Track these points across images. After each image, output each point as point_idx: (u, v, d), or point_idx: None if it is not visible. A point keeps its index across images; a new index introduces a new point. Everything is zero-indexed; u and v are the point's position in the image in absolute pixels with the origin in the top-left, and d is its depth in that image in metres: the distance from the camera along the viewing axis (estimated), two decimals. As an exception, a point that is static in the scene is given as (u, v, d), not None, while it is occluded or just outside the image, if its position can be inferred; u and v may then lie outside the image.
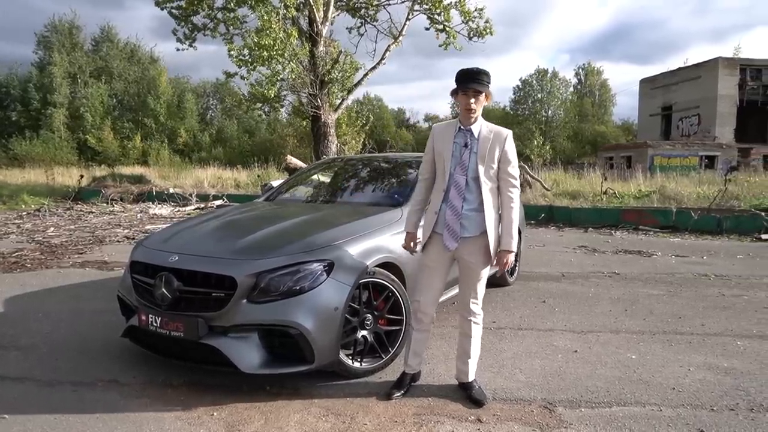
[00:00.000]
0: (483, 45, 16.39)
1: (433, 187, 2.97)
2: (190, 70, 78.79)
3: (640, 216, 10.72)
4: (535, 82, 54.95)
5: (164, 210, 13.41)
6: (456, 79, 2.78)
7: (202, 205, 14.05)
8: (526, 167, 14.34)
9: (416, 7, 15.02)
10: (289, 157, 13.68)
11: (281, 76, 13.19)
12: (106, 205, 14.55)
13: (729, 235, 9.46)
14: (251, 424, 2.66)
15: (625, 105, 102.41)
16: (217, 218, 4.02)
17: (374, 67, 15.36)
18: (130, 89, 43.14)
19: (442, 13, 14.78)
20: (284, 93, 14.96)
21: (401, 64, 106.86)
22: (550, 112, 54.53)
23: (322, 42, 14.34)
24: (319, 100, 14.33)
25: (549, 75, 54.51)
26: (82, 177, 17.91)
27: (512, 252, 2.82)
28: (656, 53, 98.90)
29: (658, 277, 6.17)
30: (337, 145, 15.33)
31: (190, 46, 15.47)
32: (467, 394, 2.92)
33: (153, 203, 14.82)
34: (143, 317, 3.06)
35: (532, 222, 11.09)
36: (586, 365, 3.43)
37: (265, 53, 12.16)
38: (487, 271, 2.91)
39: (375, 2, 15.50)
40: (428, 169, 2.98)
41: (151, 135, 40.54)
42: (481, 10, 14.76)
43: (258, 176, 18.27)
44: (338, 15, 15.51)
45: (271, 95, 13.34)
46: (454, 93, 2.82)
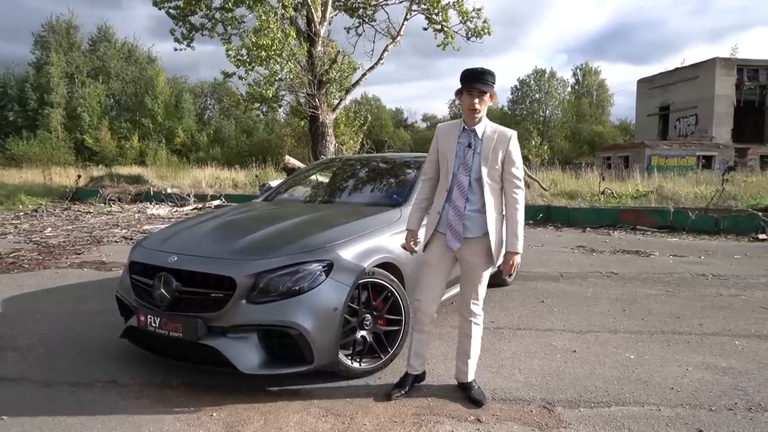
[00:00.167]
0: (481, 45, 16.48)
1: (436, 187, 2.94)
2: (188, 70, 78.96)
3: (637, 216, 10.73)
4: (532, 82, 55.06)
5: (162, 210, 13.39)
6: (460, 79, 2.75)
7: (200, 206, 14.03)
8: (524, 167, 14.34)
9: (414, 7, 15.03)
10: (287, 157, 13.66)
11: (279, 76, 13.20)
12: (103, 205, 14.52)
13: (726, 235, 9.48)
14: (250, 425, 2.65)
15: (623, 105, 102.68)
16: (216, 218, 4.01)
17: (372, 67, 15.37)
18: (128, 89, 43.10)
19: (440, 13, 14.80)
20: (282, 93, 14.96)
21: (399, 64, 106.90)
22: (547, 112, 54.65)
23: (320, 42, 14.33)
24: (317, 100, 14.33)
25: (547, 75, 54.65)
26: (79, 177, 17.86)
27: (518, 253, 2.79)
28: (654, 53, 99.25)
29: (656, 277, 6.18)
30: (335, 145, 15.33)
31: (188, 46, 15.48)
32: (467, 394, 2.92)
33: (151, 203, 14.78)
34: (142, 318, 3.05)
35: (530, 222, 11.10)
36: (584, 365, 3.43)
37: (263, 53, 12.16)
38: (488, 272, 2.89)
39: (373, 2, 15.50)
40: (432, 169, 2.96)
41: (149, 135, 40.49)
42: (479, 10, 14.79)
43: (256, 176, 18.24)
44: (336, 15, 15.51)
45: (269, 95, 13.33)
46: (459, 93, 2.79)
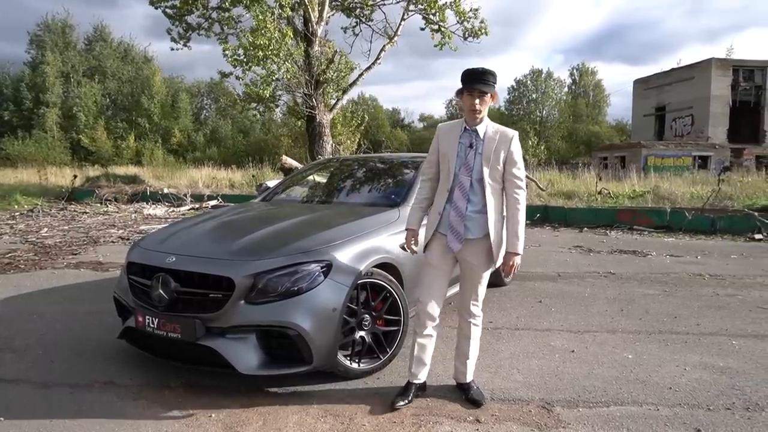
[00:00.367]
0: (478, 45, 16.50)
1: (436, 187, 2.91)
2: (185, 70, 78.92)
3: (634, 216, 10.75)
4: (529, 82, 55.22)
5: (159, 210, 13.35)
6: (461, 79, 2.72)
7: (197, 206, 14.00)
8: (522, 167, 14.34)
9: (411, 7, 15.02)
10: (284, 157, 13.63)
11: (276, 76, 13.16)
12: (99, 205, 14.46)
13: (723, 235, 9.51)
14: (249, 426, 2.65)
15: (619, 105, 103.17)
16: (214, 219, 4.00)
17: (369, 67, 15.36)
18: (124, 89, 42.99)
19: (438, 14, 14.80)
20: (279, 93, 14.93)
21: (396, 64, 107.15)
22: (544, 112, 54.80)
23: (317, 42, 14.32)
24: (314, 100, 14.31)
25: (543, 75, 54.83)
26: (75, 177, 17.81)
27: (519, 254, 2.76)
28: (650, 54, 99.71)
29: (653, 276, 6.20)
30: (332, 145, 15.32)
31: (185, 45, 15.45)
32: (465, 395, 2.92)
33: (147, 203, 14.73)
34: (140, 318, 3.04)
35: (528, 222, 10.95)
36: (583, 365, 3.44)
37: (260, 53, 12.13)
38: (488, 273, 2.87)
39: (370, 2, 15.49)
40: (432, 169, 2.93)
41: (145, 135, 40.39)
42: (476, 10, 14.79)
43: (253, 176, 18.22)
44: (333, 15, 15.49)
45: (267, 95, 13.30)
46: (459, 93, 2.76)
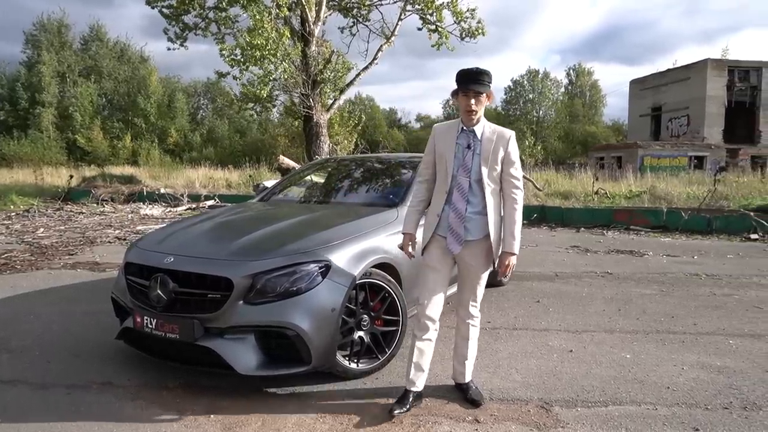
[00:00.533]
0: (475, 45, 16.49)
1: (432, 189, 2.88)
2: (181, 70, 78.61)
3: (631, 216, 10.79)
4: (526, 82, 55.35)
5: (155, 210, 13.31)
6: (456, 80, 2.71)
7: (194, 206, 13.97)
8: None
9: (408, 7, 15.01)
10: (281, 157, 13.62)
11: (273, 76, 13.14)
12: (96, 205, 14.41)
13: (719, 235, 9.54)
14: (248, 426, 2.64)
15: (616, 106, 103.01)
16: (212, 219, 3.99)
17: (366, 67, 15.34)
18: (120, 89, 42.87)
19: (435, 14, 14.79)
20: (276, 93, 14.91)
21: (393, 64, 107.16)
22: (541, 112, 54.93)
23: (315, 42, 14.29)
24: (311, 100, 14.28)
25: (540, 75, 54.95)
26: (71, 177, 17.73)
27: (515, 254, 2.75)
28: (646, 54, 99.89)
29: (650, 276, 6.21)
30: (329, 145, 15.29)
31: (182, 45, 15.38)
32: (464, 395, 2.92)
33: (144, 204, 14.70)
34: (138, 319, 3.04)
35: (525, 222, 11.09)
36: (581, 365, 3.44)
37: (257, 53, 12.10)
38: (487, 273, 2.86)
39: (367, 2, 15.48)
40: (428, 170, 2.90)
41: (142, 135, 40.32)
42: (473, 10, 14.79)
43: (250, 176, 18.19)
44: (330, 15, 15.46)
45: (264, 95, 13.28)
46: (455, 94, 2.74)
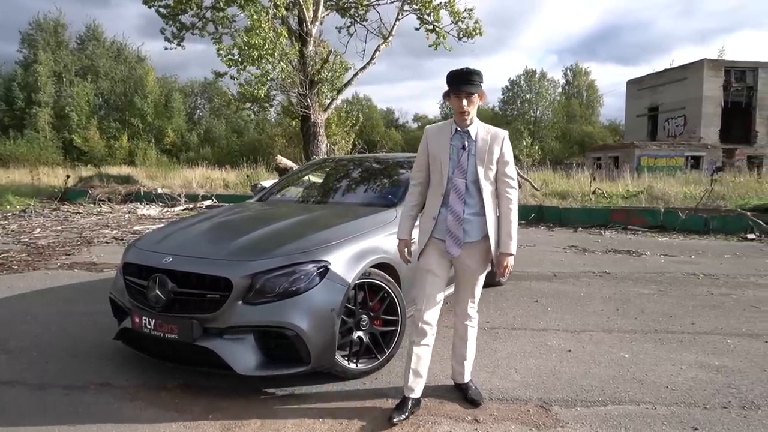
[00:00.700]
0: (472, 45, 16.45)
1: (426, 192, 2.83)
2: (178, 69, 78.06)
3: (628, 216, 10.81)
4: (523, 82, 55.43)
5: (153, 211, 13.28)
6: (447, 82, 2.67)
7: (191, 206, 13.95)
8: (516, 167, 14.42)
9: (406, 7, 15.03)
10: (279, 157, 13.61)
11: (271, 76, 13.13)
12: (93, 205, 14.38)
13: (716, 235, 9.57)
14: (247, 427, 2.64)
15: (612, 106, 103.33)
16: (210, 219, 3.98)
17: (364, 67, 15.36)
18: (117, 88, 42.77)
19: (432, 14, 14.81)
20: (274, 93, 14.91)
21: (391, 64, 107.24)
22: (538, 112, 55.00)
23: (312, 42, 14.30)
24: (308, 99, 14.29)
25: (537, 75, 55.06)
26: (68, 177, 17.69)
27: (512, 255, 2.73)
28: (643, 55, 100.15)
29: (648, 276, 6.23)
30: (326, 145, 15.30)
31: (179, 45, 15.37)
32: (464, 395, 2.92)
33: (141, 204, 14.66)
34: (137, 319, 3.03)
35: (523, 222, 11.11)
36: (580, 364, 3.45)
37: (254, 53, 12.10)
38: (485, 274, 2.85)
39: (365, 2, 15.48)
40: (422, 173, 2.83)
41: (138, 135, 40.23)
42: (471, 10, 14.82)
43: (247, 176, 18.16)
44: (328, 14, 15.47)
45: (261, 95, 13.27)
46: (447, 95, 2.70)
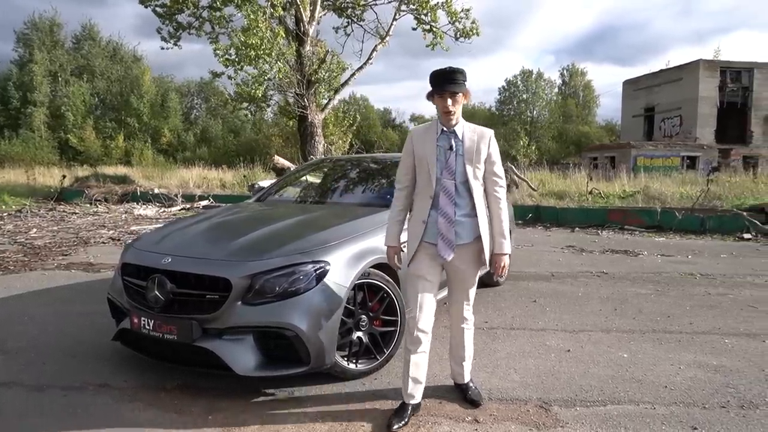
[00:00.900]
0: (469, 45, 16.58)
1: (412, 195, 2.77)
2: (174, 69, 78.08)
3: (625, 216, 10.85)
4: (520, 82, 55.52)
5: (149, 211, 13.25)
6: (430, 82, 2.63)
7: (188, 206, 13.92)
8: (513, 167, 14.46)
9: (403, 7, 15.04)
10: (276, 157, 13.61)
11: (268, 76, 13.12)
12: (89, 205, 14.33)
13: (712, 235, 9.62)
14: (247, 428, 2.63)
15: (609, 106, 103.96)
16: (209, 219, 3.97)
17: (361, 67, 15.36)
18: (113, 88, 42.65)
19: (429, 14, 14.82)
20: (271, 93, 14.88)
21: (388, 63, 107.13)
22: (535, 112, 55.09)
23: (309, 42, 14.29)
24: (305, 99, 14.28)
25: (534, 76, 55.14)
26: (64, 177, 17.65)
27: (507, 254, 2.72)
28: (639, 55, 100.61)
29: (645, 276, 6.24)
30: (324, 145, 15.29)
31: (175, 45, 15.35)
32: (464, 395, 2.92)
33: (138, 204, 14.63)
34: (135, 320, 3.01)
35: (520, 222, 11.16)
36: (579, 364, 3.45)
37: (252, 53, 12.09)
38: (478, 275, 2.81)
39: (362, 2, 15.48)
40: (407, 176, 2.76)
41: (134, 134, 40.14)
42: (468, 10, 14.85)
43: (244, 176, 18.13)
44: (325, 14, 15.47)
45: (259, 95, 13.26)
46: (430, 96, 2.66)
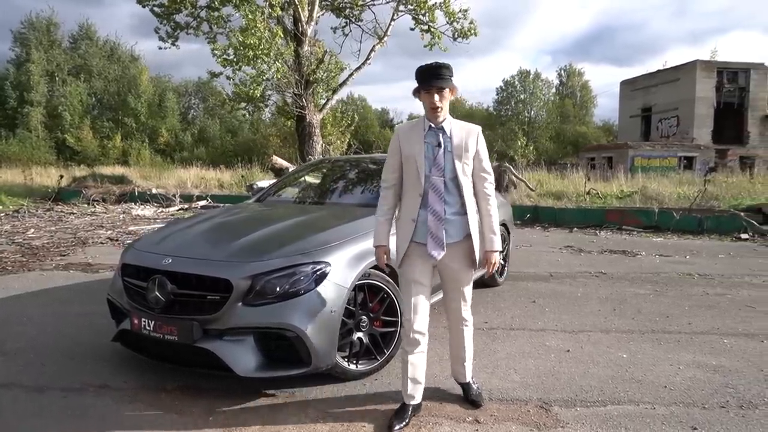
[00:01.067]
0: (467, 46, 16.56)
1: (400, 194, 2.73)
2: (172, 69, 77.32)
3: (623, 216, 10.88)
4: (517, 82, 55.54)
5: (147, 211, 13.22)
6: (416, 78, 2.58)
7: (186, 206, 13.90)
8: (510, 168, 14.47)
9: (401, 7, 15.05)
10: (274, 158, 13.60)
11: (266, 76, 13.11)
12: (87, 205, 14.30)
13: (710, 235, 9.65)
14: (248, 428, 2.63)
15: (606, 106, 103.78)
16: (209, 220, 3.96)
17: (359, 68, 15.36)
18: (110, 88, 42.54)
19: (427, 14, 14.84)
20: (269, 93, 14.88)
21: (386, 64, 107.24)
22: (532, 112, 55.13)
23: (307, 42, 14.29)
24: (304, 100, 14.28)
25: (531, 76, 55.16)
26: (62, 177, 17.59)
27: (498, 251, 2.69)
28: (636, 55, 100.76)
29: (643, 276, 6.26)
30: (322, 145, 15.30)
31: (173, 44, 15.33)
32: (465, 395, 2.92)
33: (135, 204, 14.61)
34: (136, 321, 3.01)
35: (518, 222, 11.16)
36: (579, 365, 3.46)
37: (250, 53, 12.08)
38: (473, 273, 2.78)
39: (360, 2, 15.48)
40: (395, 175, 2.72)
41: (132, 134, 40.05)
42: (466, 11, 14.87)
43: (242, 176, 18.12)
44: (323, 15, 15.46)
45: (257, 95, 13.25)
46: (416, 92, 2.61)
